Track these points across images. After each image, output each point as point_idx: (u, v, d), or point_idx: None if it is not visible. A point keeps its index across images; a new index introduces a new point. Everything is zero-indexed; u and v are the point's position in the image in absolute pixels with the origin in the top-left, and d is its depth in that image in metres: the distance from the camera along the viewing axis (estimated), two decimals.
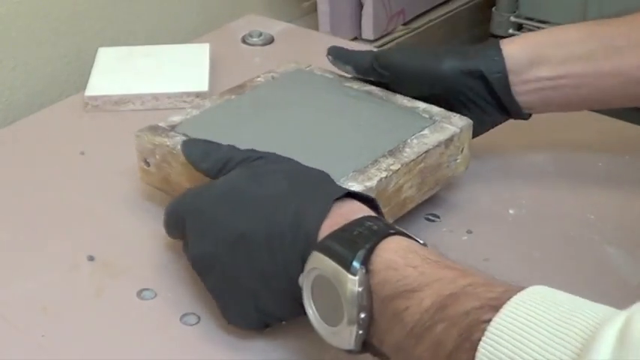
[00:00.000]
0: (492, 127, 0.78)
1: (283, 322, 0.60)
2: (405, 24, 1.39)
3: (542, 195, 0.78)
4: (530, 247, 0.71)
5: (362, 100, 0.77)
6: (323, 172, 0.61)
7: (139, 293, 0.66)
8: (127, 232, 0.73)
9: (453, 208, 0.76)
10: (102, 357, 0.61)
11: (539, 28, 1.46)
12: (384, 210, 0.65)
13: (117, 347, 0.61)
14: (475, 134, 0.75)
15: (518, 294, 0.45)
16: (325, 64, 0.82)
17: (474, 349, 0.43)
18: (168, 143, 0.70)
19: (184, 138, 0.70)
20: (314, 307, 0.53)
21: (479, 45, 0.76)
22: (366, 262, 0.50)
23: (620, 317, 0.40)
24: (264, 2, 1.29)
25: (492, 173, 0.80)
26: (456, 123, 0.73)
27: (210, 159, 0.64)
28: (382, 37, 1.34)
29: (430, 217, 0.74)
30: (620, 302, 0.43)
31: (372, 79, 0.78)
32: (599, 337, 0.39)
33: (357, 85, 0.79)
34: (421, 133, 0.71)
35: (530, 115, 0.76)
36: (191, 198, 0.62)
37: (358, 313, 0.50)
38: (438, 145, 0.70)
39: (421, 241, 0.53)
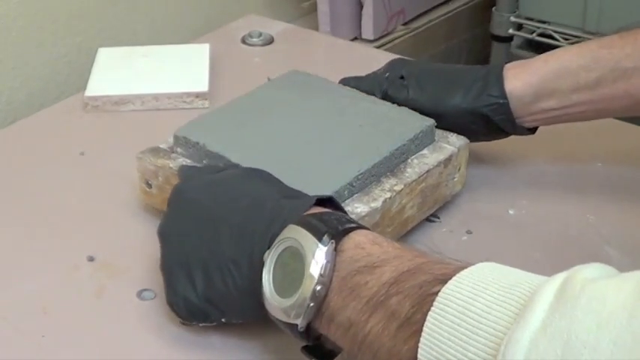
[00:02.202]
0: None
1: (223, 320, 0.59)
2: (405, 24, 1.39)
3: (542, 195, 0.78)
4: (530, 247, 0.71)
5: (359, 101, 0.77)
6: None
7: (139, 293, 0.66)
8: (127, 232, 0.73)
9: (453, 208, 0.76)
10: (102, 357, 0.61)
11: (539, 28, 1.45)
12: (387, 230, 0.67)
13: (117, 347, 0.61)
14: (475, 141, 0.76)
15: (467, 268, 0.46)
16: (324, 63, 0.82)
17: (424, 319, 0.45)
18: (171, 165, 0.70)
19: (187, 161, 0.71)
20: (271, 278, 0.54)
21: (482, 75, 0.74)
22: (337, 239, 0.52)
23: (560, 276, 0.42)
24: (264, 2, 1.29)
25: (492, 174, 0.80)
26: (454, 142, 0.74)
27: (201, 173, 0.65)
28: (382, 37, 1.34)
29: (430, 218, 0.74)
30: None
31: None
32: (538, 296, 0.41)
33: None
34: (421, 152, 0.72)
35: (535, 130, 0.76)
36: (181, 182, 0.64)
37: (315, 285, 0.51)
38: (437, 165, 0.71)
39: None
